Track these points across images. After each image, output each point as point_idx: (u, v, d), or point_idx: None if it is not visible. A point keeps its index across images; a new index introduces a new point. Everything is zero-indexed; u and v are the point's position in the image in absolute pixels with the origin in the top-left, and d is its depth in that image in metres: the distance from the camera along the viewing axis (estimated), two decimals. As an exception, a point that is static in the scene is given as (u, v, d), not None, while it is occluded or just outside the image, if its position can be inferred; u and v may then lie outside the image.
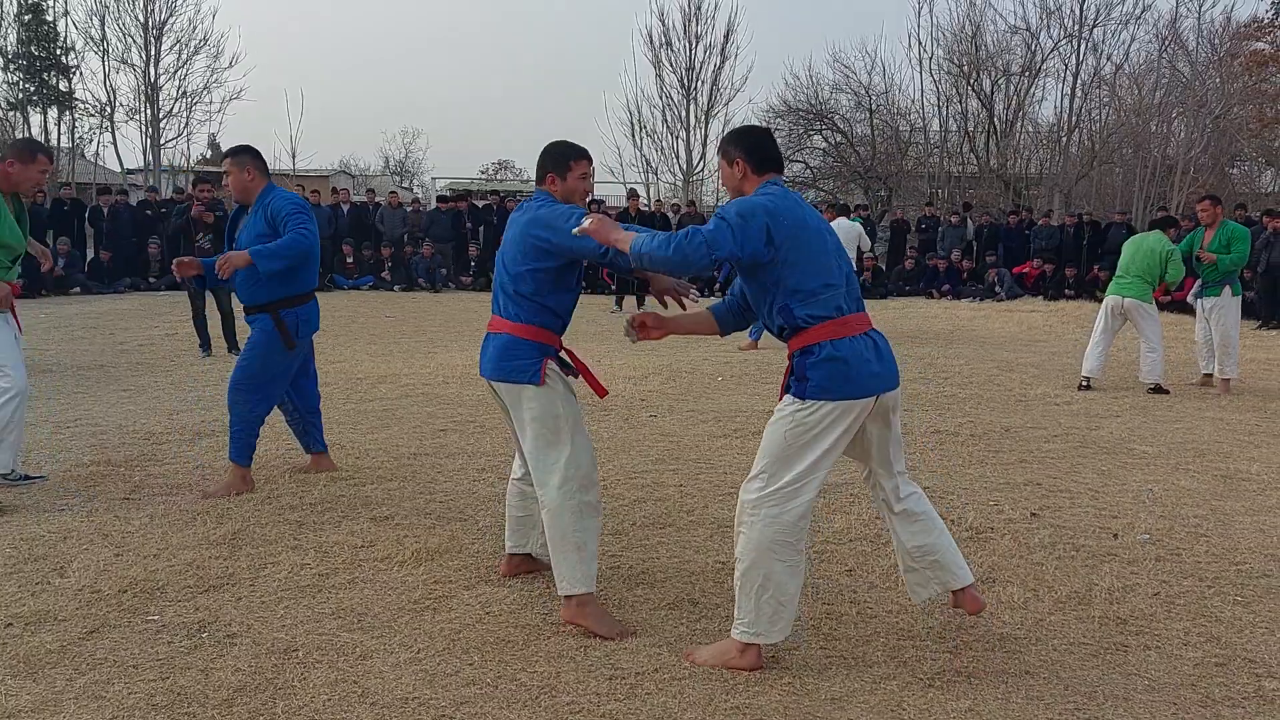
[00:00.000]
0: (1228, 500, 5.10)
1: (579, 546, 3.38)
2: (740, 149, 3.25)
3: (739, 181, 3.25)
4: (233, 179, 4.93)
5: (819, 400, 3.05)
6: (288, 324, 4.87)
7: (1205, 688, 3.04)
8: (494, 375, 3.51)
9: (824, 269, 3.09)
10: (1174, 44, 25.89)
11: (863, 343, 3.12)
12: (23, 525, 4.34)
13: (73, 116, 27.33)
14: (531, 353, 3.45)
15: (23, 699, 2.83)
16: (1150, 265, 8.42)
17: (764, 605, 3.07)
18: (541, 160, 3.59)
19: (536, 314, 3.47)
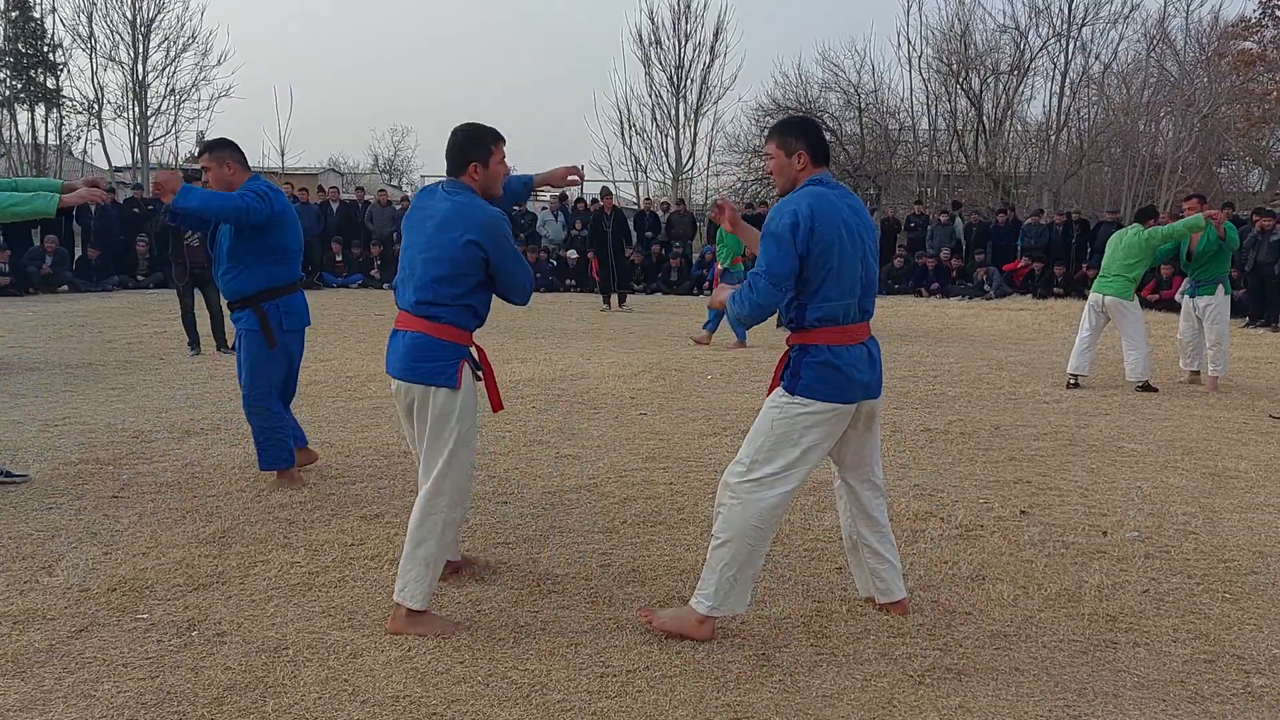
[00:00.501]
0: (1216, 498, 5.13)
1: (428, 563, 3.29)
2: (803, 140, 3.27)
3: (797, 172, 3.29)
4: (212, 174, 4.80)
5: (807, 398, 3.17)
6: (270, 316, 4.79)
7: (1194, 684, 3.06)
8: (406, 376, 3.34)
9: (850, 279, 3.19)
10: (1162, 43, 26.04)
11: (859, 352, 3.25)
12: (10, 523, 4.32)
13: (60, 114, 27.16)
14: (447, 354, 3.32)
15: (11, 698, 2.82)
16: (1130, 260, 8.41)
17: (726, 581, 3.21)
18: (460, 146, 3.37)
19: (457, 314, 3.33)
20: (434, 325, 3.31)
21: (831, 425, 3.23)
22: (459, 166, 3.37)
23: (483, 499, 4.86)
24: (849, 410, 3.25)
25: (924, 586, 3.80)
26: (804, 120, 3.44)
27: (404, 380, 3.35)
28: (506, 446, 5.96)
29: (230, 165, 4.82)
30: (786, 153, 3.28)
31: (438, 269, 3.29)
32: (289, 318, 4.87)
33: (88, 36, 25.85)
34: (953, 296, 17.84)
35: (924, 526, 4.52)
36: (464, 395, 3.33)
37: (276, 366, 4.91)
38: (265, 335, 4.80)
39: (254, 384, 4.86)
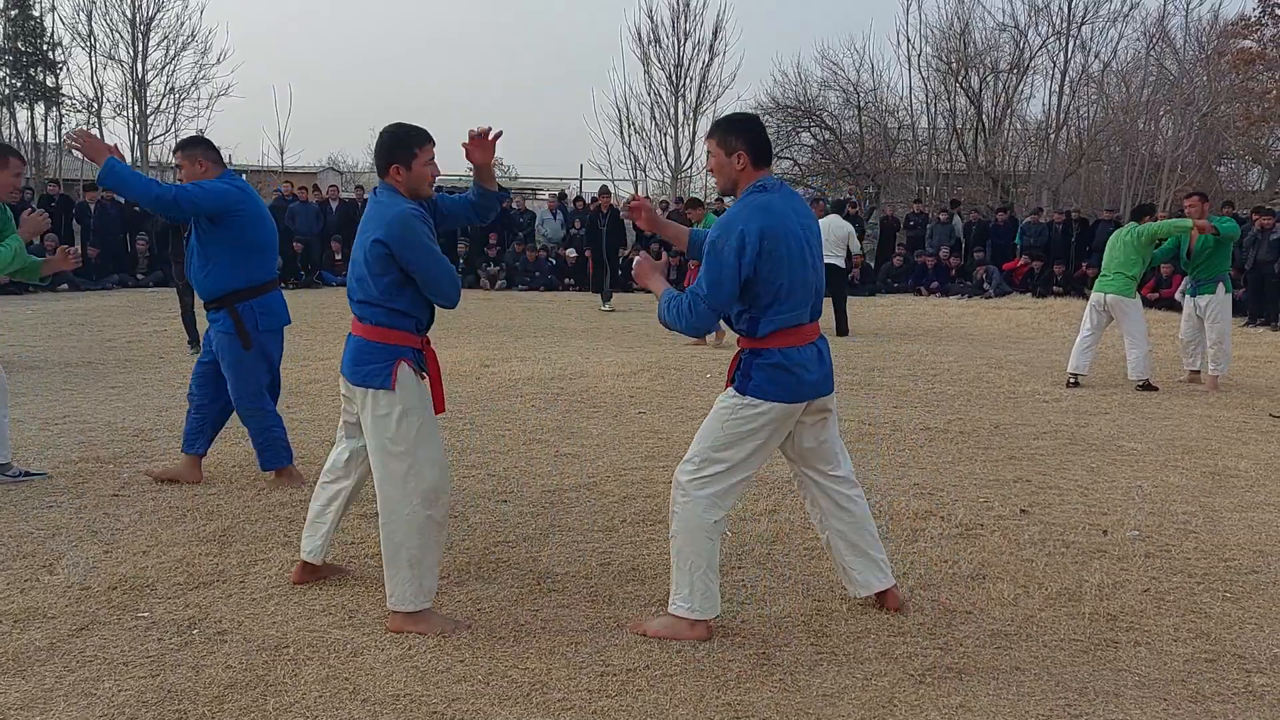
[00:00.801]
0: (1216, 497, 5.13)
1: (412, 563, 3.27)
2: (743, 140, 3.23)
3: (737, 173, 3.26)
4: (185, 172, 4.74)
5: (758, 399, 3.22)
6: (244, 317, 4.71)
7: (1195, 683, 3.06)
8: (349, 378, 3.38)
9: (800, 285, 3.21)
10: (1162, 42, 26.02)
11: (809, 352, 3.28)
12: (11, 522, 4.31)
13: (60, 112, 27.13)
14: (382, 356, 3.30)
15: (12, 696, 2.81)
16: (1129, 257, 8.41)
17: (698, 582, 3.23)
18: (383, 150, 3.33)
19: (386, 317, 3.32)
20: (367, 328, 3.34)
21: (780, 425, 3.28)
22: (381, 168, 3.36)
23: (482, 497, 4.86)
24: (798, 409, 3.30)
25: (924, 585, 3.80)
26: (748, 119, 3.33)
27: (348, 381, 3.40)
28: (506, 445, 5.96)
29: (202, 163, 4.74)
30: (726, 152, 3.24)
31: (355, 270, 3.34)
32: (265, 317, 4.78)
33: (87, 35, 25.83)
34: (952, 295, 17.83)
35: (924, 525, 4.52)
36: (404, 395, 3.29)
37: (259, 367, 4.83)
38: (240, 337, 4.72)
39: (240, 387, 4.82)
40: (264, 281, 4.81)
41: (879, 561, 3.50)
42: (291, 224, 17.96)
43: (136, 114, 26.09)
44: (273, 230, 4.88)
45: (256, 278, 4.77)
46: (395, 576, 3.29)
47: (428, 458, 3.32)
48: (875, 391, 8.13)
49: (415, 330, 3.37)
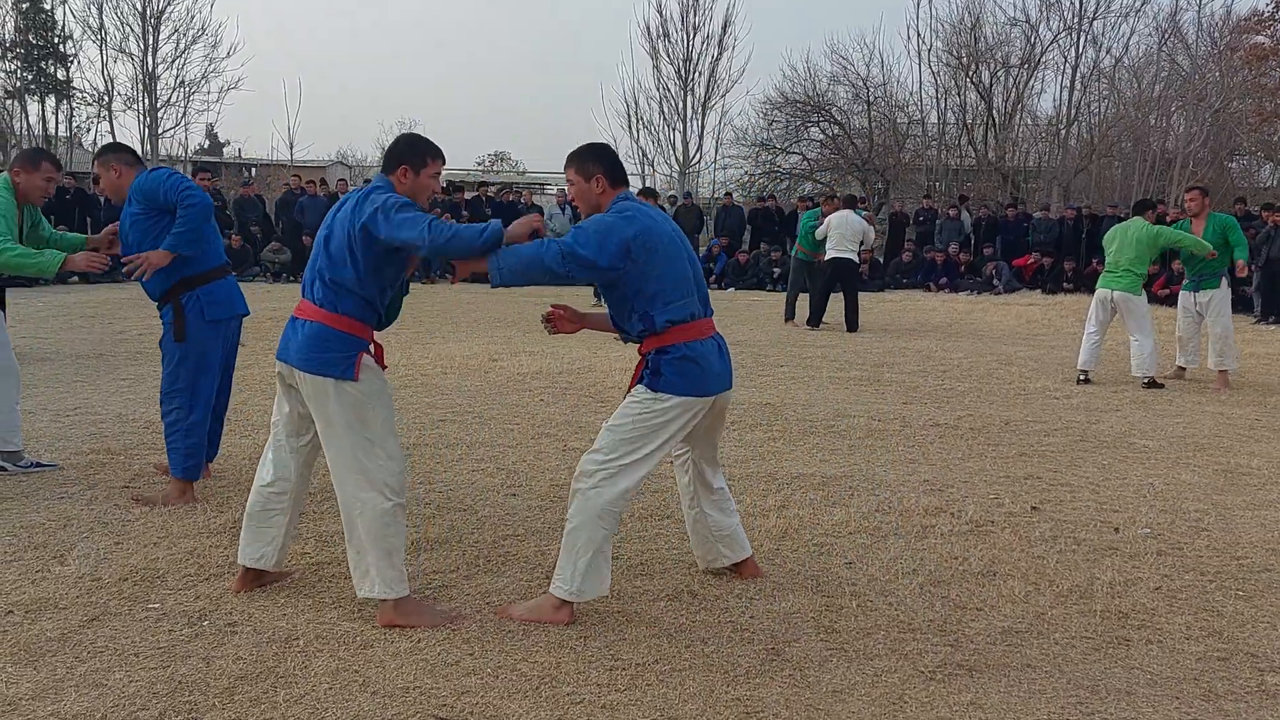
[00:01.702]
0: (1229, 495, 5.11)
1: (389, 553, 3.26)
2: (601, 165, 3.45)
3: (598, 196, 3.45)
4: (104, 182, 4.63)
5: (669, 394, 3.34)
6: (188, 309, 4.46)
7: (1208, 682, 3.04)
8: (302, 365, 3.28)
9: (681, 277, 3.39)
10: (1174, 37, 25.91)
11: (710, 345, 3.44)
12: (23, 513, 4.33)
13: (70, 105, 27.28)
14: (344, 345, 3.27)
15: (23, 686, 2.82)
16: (1139, 255, 8.36)
17: (582, 566, 3.30)
18: (396, 150, 3.43)
19: (354, 306, 3.30)
20: (329, 315, 3.31)
21: (688, 418, 3.40)
22: (390, 165, 3.40)
23: (491, 491, 4.86)
24: (707, 403, 3.43)
25: (934, 582, 3.79)
26: (600, 148, 3.56)
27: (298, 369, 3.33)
28: (514, 439, 5.96)
29: (115, 168, 4.58)
30: (585, 178, 3.44)
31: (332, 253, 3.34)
32: (212, 308, 4.50)
33: (98, 28, 25.95)
34: (961, 291, 17.79)
35: (934, 522, 4.50)
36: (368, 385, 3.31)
37: (200, 362, 4.53)
38: (176, 327, 4.48)
39: (169, 381, 4.57)
40: (209, 268, 4.55)
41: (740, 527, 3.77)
42: (301, 218, 18.01)
43: (147, 107, 26.19)
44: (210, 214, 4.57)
45: (200, 265, 4.51)
46: (373, 566, 3.26)
47: (394, 447, 3.33)
48: (884, 387, 8.11)
49: (374, 326, 3.40)
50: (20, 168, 4.73)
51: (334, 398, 3.26)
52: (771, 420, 6.61)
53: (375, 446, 3.28)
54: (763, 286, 18.17)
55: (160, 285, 4.53)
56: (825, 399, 7.47)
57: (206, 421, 4.65)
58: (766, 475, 5.23)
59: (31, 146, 18.76)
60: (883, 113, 28.70)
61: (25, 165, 4.75)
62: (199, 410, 4.57)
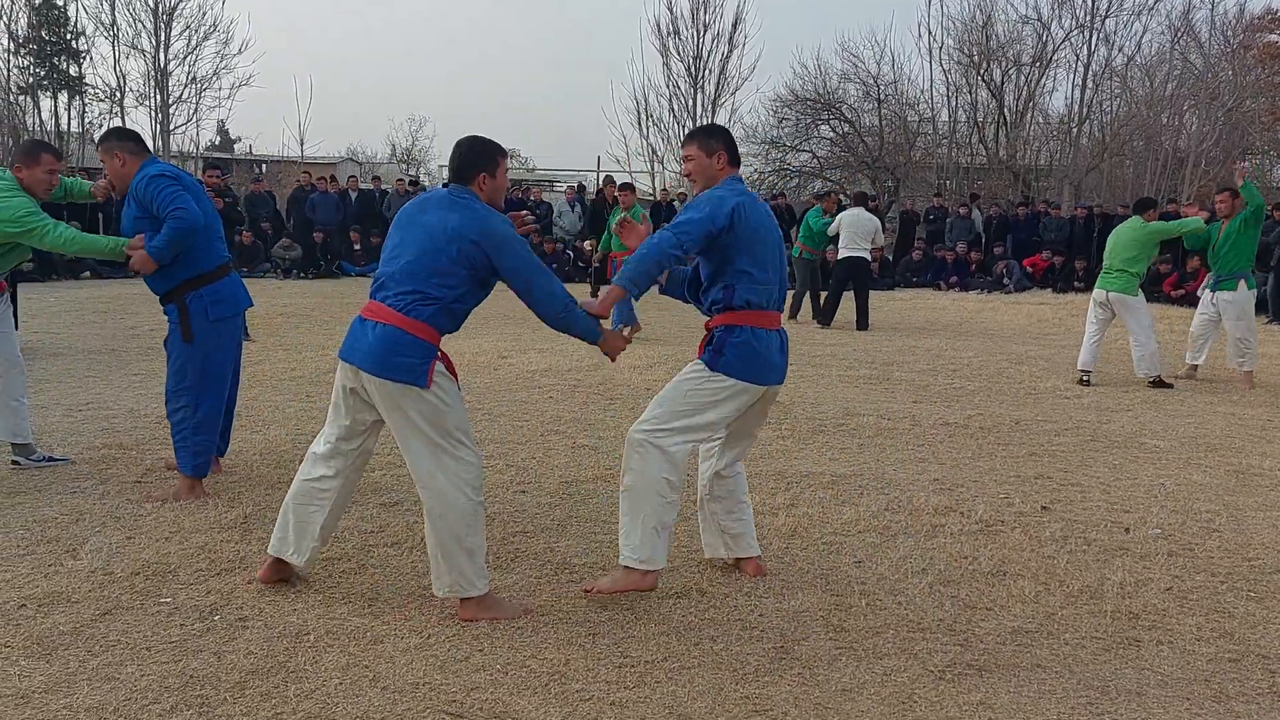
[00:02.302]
0: (1240, 495, 5.08)
1: (470, 552, 3.29)
2: (723, 142, 3.58)
3: (716, 171, 3.57)
4: (109, 170, 4.56)
5: (726, 375, 3.42)
6: (193, 308, 4.45)
7: (1219, 683, 3.03)
8: (375, 370, 3.22)
9: (772, 264, 3.50)
10: (1186, 35, 25.75)
11: (775, 337, 3.52)
12: (35, 507, 4.35)
13: (83, 101, 27.35)
14: (420, 351, 3.23)
15: (36, 680, 2.84)
16: (1133, 254, 8.31)
17: (649, 534, 3.36)
18: (469, 157, 3.37)
19: (439, 315, 3.27)
20: (409, 321, 3.26)
21: (739, 403, 3.47)
22: (466, 176, 3.37)
23: (500, 488, 4.87)
24: (759, 392, 3.51)
25: (944, 582, 3.79)
26: (724, 128, 3.73)
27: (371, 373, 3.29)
28: (524, 436, 5.96)
29: (119, 155, 4.52)
30: (707, 153, 3.56)
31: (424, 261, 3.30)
32: (216, 307, 4.49)
33: (110, 24, 26.00)
34: (971, 290, 17.72)
35: (944, 521, 4.49)
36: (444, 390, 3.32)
37: (208, 360, 4.52)
38: (182, 328, 4.47)
39: (175, 380, 4.55)
40: (212, 268, 4.53)
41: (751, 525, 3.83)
42: (312, 214, 18.05)
43: (159, 103, 26.25)
44: (212, 212, 4.58)
45: (203, 265, 4.49)
46: (454, 566, 3.28)
47: (472, 446, 3.34)
48: (894, 386, 8.09)
49: (446, 334, 3.37)
50: (21, 163, 4.64)
51: (413, 402, 3.23)
52: (781, 418, 6.61)
53: (461, 448, 3.29)
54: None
55: (163, 284, 4.51)
56: (835, 397, 7.46)
57: (217, 419, 4.64)
58: (776, 473, 5.23)
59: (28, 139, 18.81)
60: (893, 111, 28.60)
61: (25, 160, 4.65)
62: (206, 407, 4.54)
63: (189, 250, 4.45)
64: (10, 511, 4.29)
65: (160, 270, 4.44)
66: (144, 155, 4.58)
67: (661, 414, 3.41)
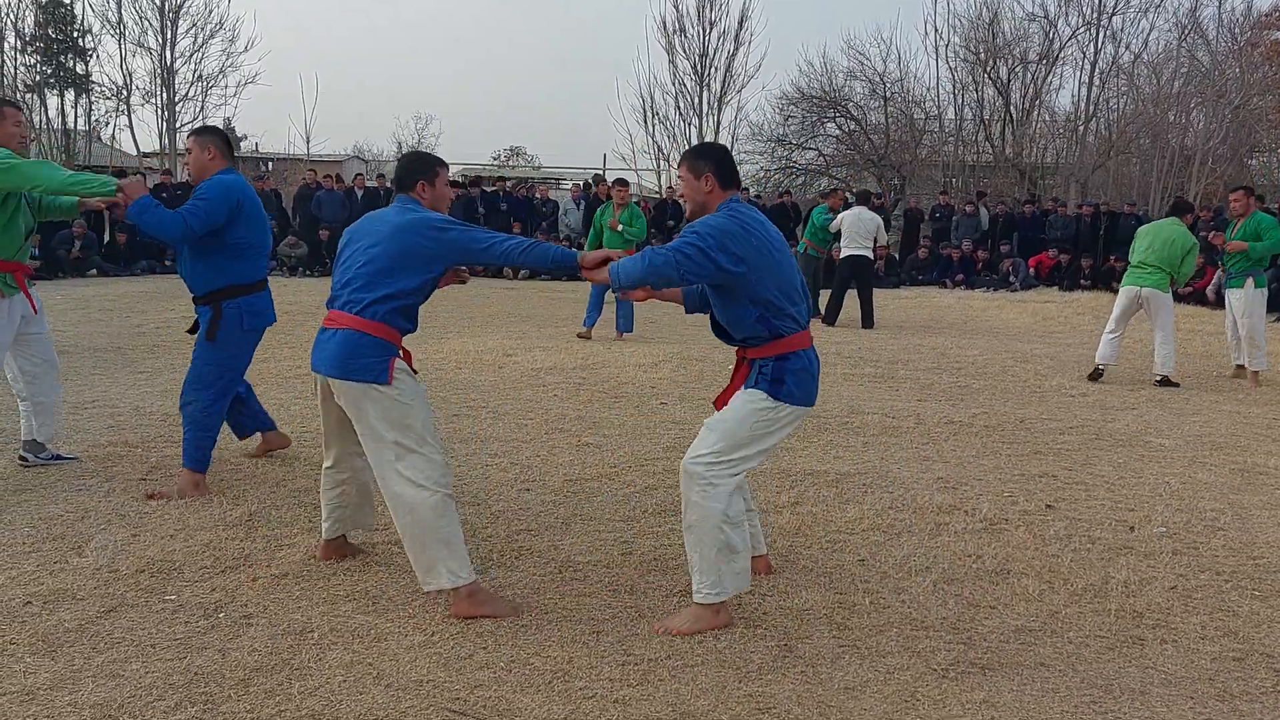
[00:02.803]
0: (1245, 494, 5.07)
1: (446, 542, 3.30)
2: (710, 163, 3.38)
3: (705, 195, 3.39)
4: (193, 156, 4.67)
5: (789, 403, 3.34)
6: (229, 315, 4.59)
7: (1223, 682, 3.03)
8: (337, 373, 3.34)
9: (791, 284, 3.36)
10: (1193, 33, 25.64)
11: (814, 354, 3.48)
12: (41, 505, 4.37)
13: (89, 99, 27.41)
14: (379, 350, 3.34)
15: (41, 676, 2.85)
16: (1172, 255, 8.35)
17: (722, 568, 3.27)
18: (409, 167, 3.56)
19: (393, 314, 3.37)
20: (367, 323, 3.35)
21: (795, 426, 3.46)
22: (408, 184, 3.53)
23: (505, 486, 4.87)
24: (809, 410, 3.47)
25: (948, 580, 3.78)
26: (714, 146, 3.56)
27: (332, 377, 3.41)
28: (529, 434, 5.97)
29: (211, 150, 4.64)
30: (694, 175, 3.39)
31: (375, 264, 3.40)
32: (250, 318, 4.67)
33: (116, 22, 26.04)
34: (977, 288, 17.69)
35: (948, 520, 4.49)
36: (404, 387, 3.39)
37: (226, 364, 4.67)
38: (210, 328, 4.59)
39: (195, 376, 4.68)
40: (254, 281, 4.70)
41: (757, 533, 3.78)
42: (318, 212, 18.08)
43: (165, 101, 26.29)
44: (266, 230, 4.76)
45: (247, 277, 4.66)
46: (435, 559, 3.29)
47: (434, 443, 3.37)
48: (899, 384, 8.09)
49: (405, 334, 3.45)
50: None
51: (376, 401, 3.31)
52: (785, 417, 6.60)
53: (424, 444, 3.33)
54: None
55: (206, 283, 4.65)
56: (839, 395, 7.45)
57: (223, 417, 4.81)
58: (780, 471, 5.23)
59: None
60: (899, 108, 28.55)
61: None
62: (219, 404, 4.70)
63: (237, 261, 4.63)
64: (16, 509, 4.31)
65: (203, 272, 4.63)
66: (230, 161, 4.76)
67: (722, 447, 3.30)
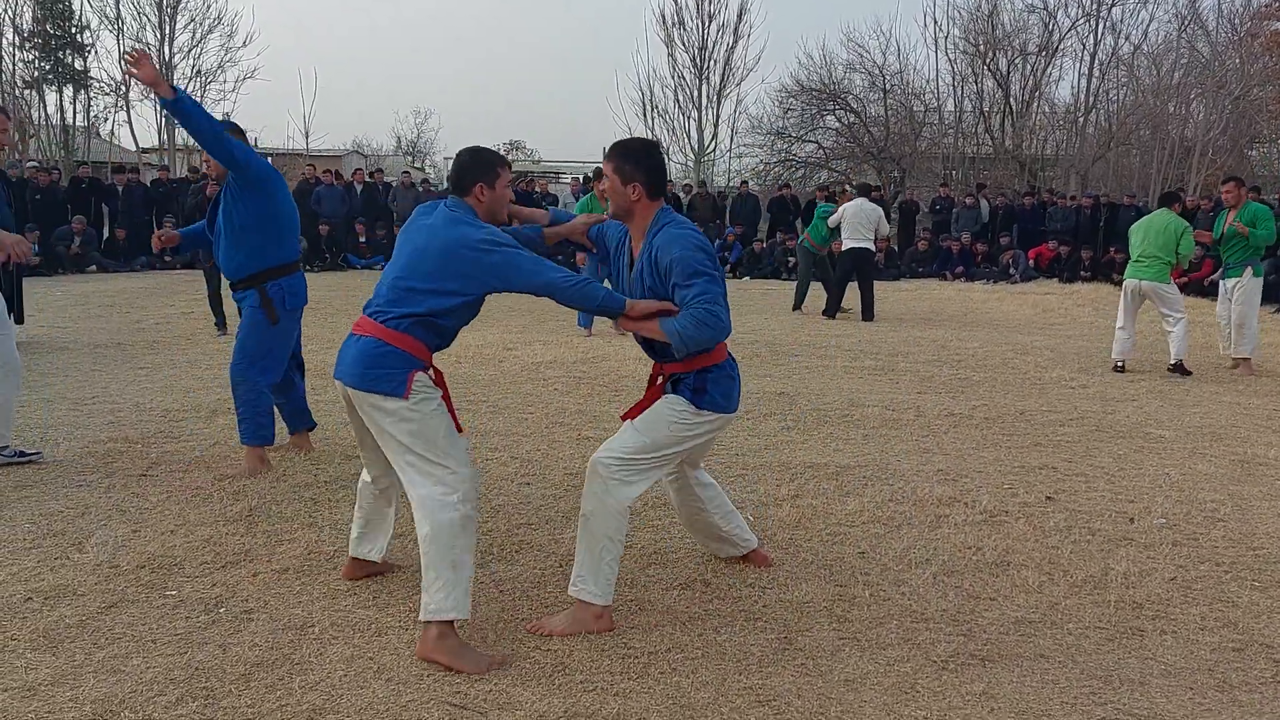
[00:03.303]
0: (1245, 485, 5.07)
1: (454, 565, 3.01)
2: (642, 171, 3.21)
3: (631, 204, 3.24)
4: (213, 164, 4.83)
5: (712, 411, 3.28)
6: (273, 297, 4.82)
7: (1222, 673, 3.03)
8: (354, 383, 3.11)
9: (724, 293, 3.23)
10: (1193, 24, 25.63)
11: (734, 361, 3.41)
12: (42, 501, 4.37)
13: (88, 95, 27.41)
14: (400, 362, 3.08)
15: (42, 672, 2.86)
16: (1167, 243, 8.43)
17: (604, 569, 3.21)
18: (466, 168, 3.22)
19: (417, 327, 3.11)
20: (391, 333, 3.11)
21: (717, 433, 3.40)
22: (463, 187, 3.22)
23: (505, 480, 4.87)
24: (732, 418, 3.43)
25: (948, 572, 3.79)
26: (647, 148, 3.30)
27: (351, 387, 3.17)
28: (529, 428, 5.97)
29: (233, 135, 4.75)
30: (622, 180, 3.22)
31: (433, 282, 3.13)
32: (291, 298, 4.89)
33: (115, 18, 26.05)
34: (977, 280, 17.68)
35: (948, 512, 4.49)
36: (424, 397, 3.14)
37: (273, 343, 4.90)
38: (268, 312, 4.82)
39: (243, 355, 4.87)
40: (290, 261, 4.90)
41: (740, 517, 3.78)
42: (318, 207, 18.07)
43: (163, 97, 26.23)
44: (295, 211, 4.96)
45: (284, 257, 4.87)
46: (435, 581, 3.00)
47: (461, 457, 3.13)
48: (899, 377, 8.09)
49: (434, 349, 3.22)
50: None
51: (387, 415, 3.08)
52: (785, 410, 6.61)
53: (447, 456, 3.09)
54: (778, 275, 18.13)
55: (245, 267, 4.81)
56: (839, 388, 7.45)
57: (270, 391, 5.00)
58: (780, 465, 5.23)
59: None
60: (899, 101, 28.54)
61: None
62: (268, 380, 4.93)
63: (274, 244, 4.81)
64: (16, 505, 4.31)
65: (242, 255, 4.78)
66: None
67: (638, 445, 3.21)
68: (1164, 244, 8.41)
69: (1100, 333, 11.18)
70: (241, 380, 4.88)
